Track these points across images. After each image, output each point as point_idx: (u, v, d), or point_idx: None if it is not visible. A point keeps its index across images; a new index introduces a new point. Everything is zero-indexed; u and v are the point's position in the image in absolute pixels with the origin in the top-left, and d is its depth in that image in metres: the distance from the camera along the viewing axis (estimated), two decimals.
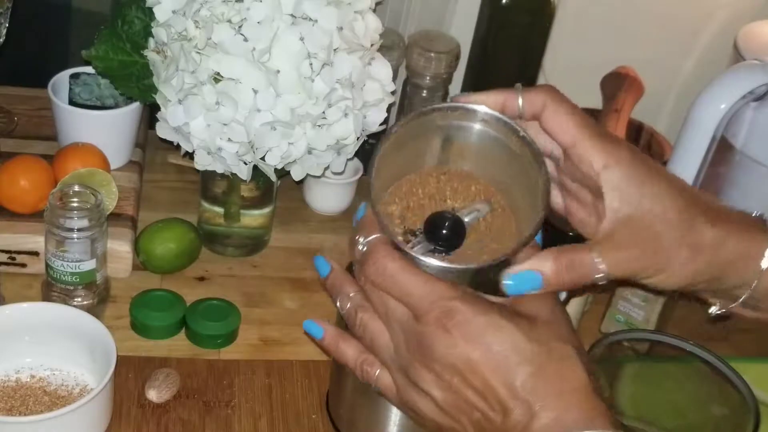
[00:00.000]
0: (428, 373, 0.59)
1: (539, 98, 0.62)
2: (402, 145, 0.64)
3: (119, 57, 0.92)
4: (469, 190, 0.66)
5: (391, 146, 0.63)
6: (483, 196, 0.65)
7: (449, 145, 0.65)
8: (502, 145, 0.63)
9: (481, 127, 0.64)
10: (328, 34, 0.83)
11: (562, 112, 0.61)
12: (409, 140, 0.64)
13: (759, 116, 0.99)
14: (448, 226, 0.62)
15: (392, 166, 0.64)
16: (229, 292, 0.96)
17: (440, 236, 0.62)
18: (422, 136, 0.65)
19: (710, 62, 1.25)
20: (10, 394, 0.80)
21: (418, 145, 0.66)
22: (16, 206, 0.94)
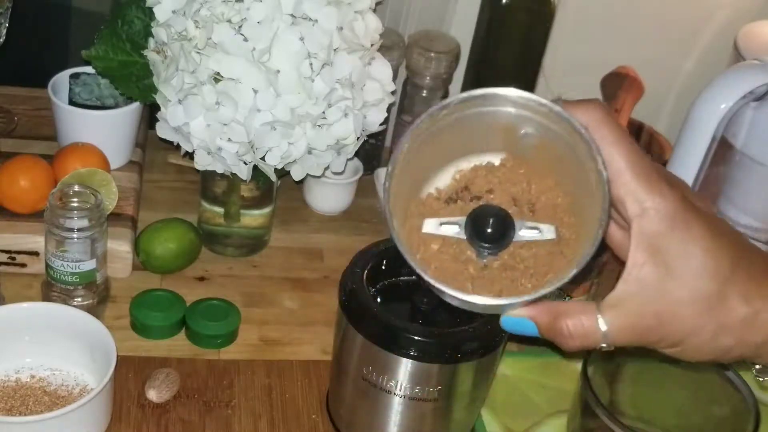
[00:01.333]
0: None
1: (583, 118, 0.53)
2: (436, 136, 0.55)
3: (119, 57, 0.92)
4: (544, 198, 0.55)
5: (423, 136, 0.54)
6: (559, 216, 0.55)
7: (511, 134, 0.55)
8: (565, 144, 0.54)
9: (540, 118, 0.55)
10: (328, 34, 0.83)
11: (607, 139, 0.52)
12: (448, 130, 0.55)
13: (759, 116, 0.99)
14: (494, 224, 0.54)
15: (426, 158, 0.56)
16: (229, 292, 0.96)
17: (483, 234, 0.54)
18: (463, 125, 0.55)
19: (710, 62, 1.25)
20: (10, 394, 0.80)
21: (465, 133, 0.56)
22: (16, 206, 0.94)
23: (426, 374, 0.75)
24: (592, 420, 0.76)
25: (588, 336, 0.53)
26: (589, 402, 0.76)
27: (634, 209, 0.52)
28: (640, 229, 0.52)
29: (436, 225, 0.55)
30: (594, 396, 0.75)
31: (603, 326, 0.53)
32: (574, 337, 0.53)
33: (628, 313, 0.53)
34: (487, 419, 0.85)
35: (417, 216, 0.56)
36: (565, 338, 0.54)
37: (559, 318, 0.53)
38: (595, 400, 0.75)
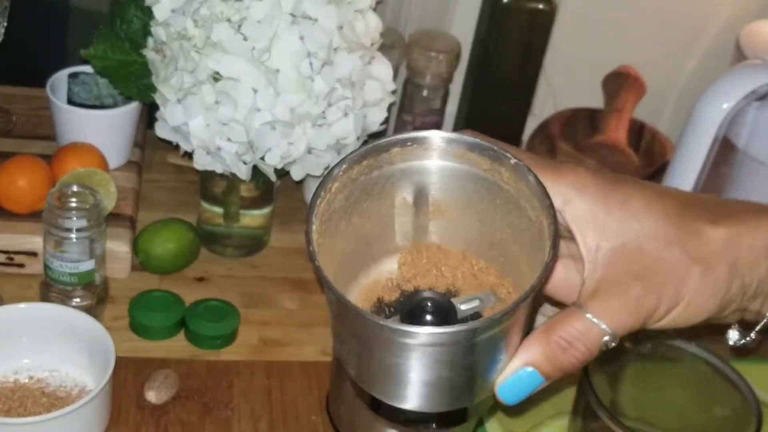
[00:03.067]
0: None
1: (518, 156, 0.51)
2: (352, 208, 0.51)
3: (118, 56, 0.91)
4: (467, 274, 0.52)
5: (331, 213, 0.51)
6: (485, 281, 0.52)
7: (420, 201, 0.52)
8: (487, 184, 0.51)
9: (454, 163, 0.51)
10: (328, 33, 0.83)
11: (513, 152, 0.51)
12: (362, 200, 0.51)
13: (761, 116, 0.98)
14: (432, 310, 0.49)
15: (342, 243, 0.51)
16: (228, 293, 0.96)
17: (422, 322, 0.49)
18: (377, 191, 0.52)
19: (712, 62, 1.25)
20: (8, 395, 0.79)
21: (375, 206, 0.52)
22: (14, 206, 0.93)
23: None
24: (594, 421, 0.75)
25: (588, 337, 0.49)
26: (590, 403, 0.76)
27: (558, 201, 0.50)
28: (574, 215, 0.50)
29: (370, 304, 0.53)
30: (595, 397, 0.75)
31: (595, 320, 0.48)
32: (574, 346, 0.49)
33: (611, 294, 0.49)
34: (487, 421, 0.85)
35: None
36: (567, 353, 0.49)
37: (550, 337, 0.49)
38: (597, 401, 0.75)
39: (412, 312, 0.50)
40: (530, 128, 1.20)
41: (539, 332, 0.49)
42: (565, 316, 0.49)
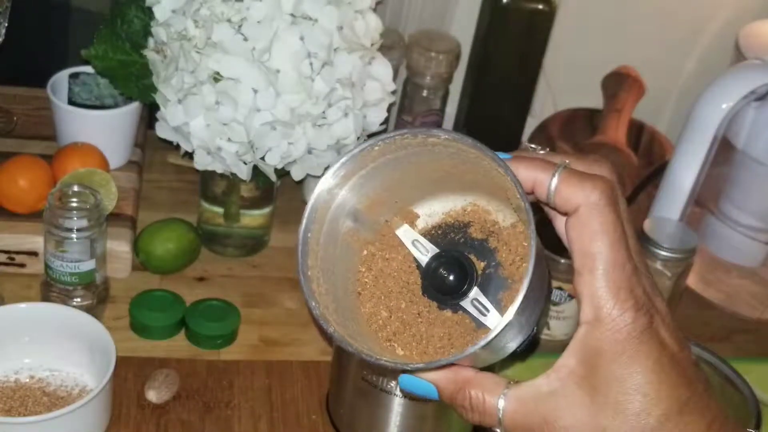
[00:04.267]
0: None
1: (574, 198, 0.47)
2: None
3: (118, 56, 0.91)
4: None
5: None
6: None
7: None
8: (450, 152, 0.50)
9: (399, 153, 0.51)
10: (329, 33, 0.83)
11: (592, 228, 0.47)
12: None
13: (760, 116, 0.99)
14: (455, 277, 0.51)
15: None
16: (228, 293, 0.96)
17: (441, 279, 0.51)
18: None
19: (711, 62, 1.25)
20: (9, 394, 0.80)
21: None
22: (15, 206, 0.93)
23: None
24: None
25: (485, 415, 0.50)
26: None
27: (587, 314, 0.47)
28: (584, 338, 0.47)
29: (409, 236, 0.53)
30: None
31: (500, 414, 0.49)
32: (472, 411, 0.50)
33: (530, 413, 0.49)
34: None
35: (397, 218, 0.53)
36: (465, 409, 0.50)
37: (465, 387, 0.50)
38: None
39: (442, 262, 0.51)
40: (530, 128, 1.21)
41: (462, 377, 0.50)
42: (488, 385, 0.50)
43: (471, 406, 0.50)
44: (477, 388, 0.50)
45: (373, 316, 0.53)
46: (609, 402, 0.47)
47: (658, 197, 1.02)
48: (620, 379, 0.47)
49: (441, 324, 0.52)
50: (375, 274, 0.54)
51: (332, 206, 0.52)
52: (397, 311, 0.53)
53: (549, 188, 0.47)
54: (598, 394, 0.47)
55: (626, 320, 0.46)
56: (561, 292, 0.89)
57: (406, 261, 0.53)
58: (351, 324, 0.52)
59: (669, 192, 1.00)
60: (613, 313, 0.46)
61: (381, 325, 0.53)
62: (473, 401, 0.50)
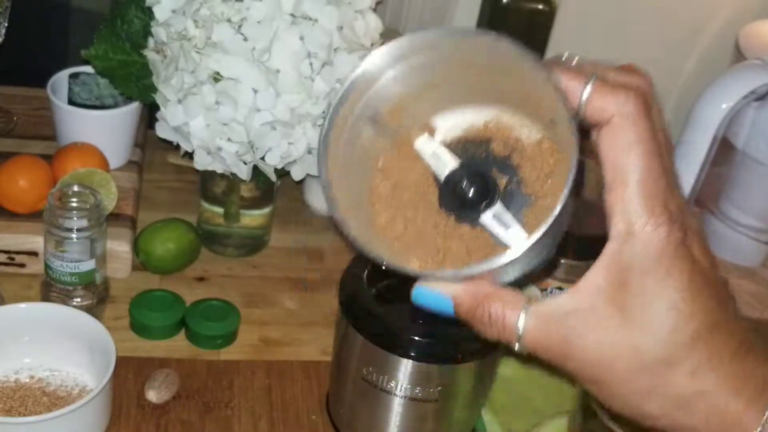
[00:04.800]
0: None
1: (608, 108, 0.45)
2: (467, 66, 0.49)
3: (118, 56, 0.91)
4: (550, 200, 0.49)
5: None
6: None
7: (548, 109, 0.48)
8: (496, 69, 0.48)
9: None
10: (328, 33, 0.83)
11: (627, 138, 0.45)
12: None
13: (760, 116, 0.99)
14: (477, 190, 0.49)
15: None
16: (228, 293, 0.96)
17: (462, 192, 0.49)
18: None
19: (711, 62, 1.25)
20: (9, 394, 0.80)
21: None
22: (15, 206, 0.93)
23: (426, 375, 0.74)
24: (593, 421, 0.75)
25: (504, 331, 0.48)
26: (590, 403, 0.76)
27: (619, 228, 0.45)
28: (615, 253, 0.46)
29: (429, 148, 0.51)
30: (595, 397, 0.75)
31: (520, 329, 0.48)
32: (491, 326, 0.48)
33: (552, 330, 0.47)
34: (487, 420, 0.85)
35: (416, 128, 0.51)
36: (483, 324, 0.49)
37: (485, 301, 0.48)
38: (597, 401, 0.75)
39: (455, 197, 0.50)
40: None
41: (482, 290, 0.49)
42: (510, 299, 0.48)
43: (490, 320, 0.48)
44: (497, 303, 0.48)
45: (388, 226, 0.51)
46: (641, 319, 0.46)
47: None
48: (653, 294, 0.45)
49: (458, 238, 0.50)
50: (391, 184, 0.52)
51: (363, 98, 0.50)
52: (413, 222, 0.51)
53: (581, 98, 0.46)
54: (628, 311, 0.46)
55: (660, 234, 0.45)
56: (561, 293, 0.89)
57: (425, 173, 0.51)
58: (366, 233, 0.50)
59: None
60: (647, 227, 0.45)
61: (396, 236, 0.51)
62: (493, 316, 0.48)
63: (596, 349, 0.47)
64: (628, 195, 0.45)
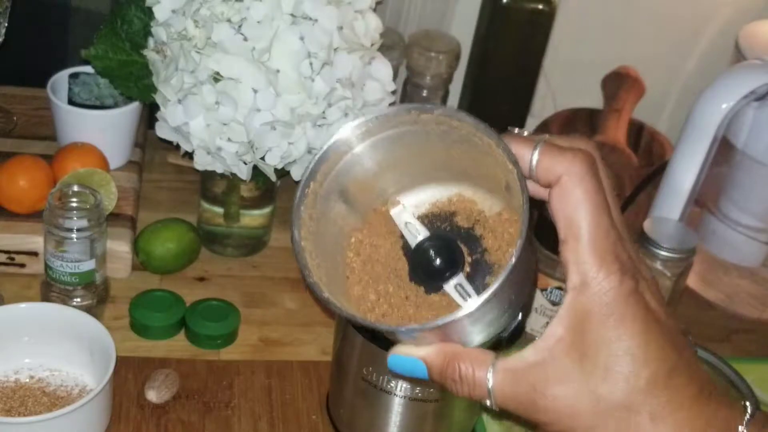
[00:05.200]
0: None
1: (556, 168, 0.48)
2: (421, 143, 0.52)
3: (118, 56, 0.91)
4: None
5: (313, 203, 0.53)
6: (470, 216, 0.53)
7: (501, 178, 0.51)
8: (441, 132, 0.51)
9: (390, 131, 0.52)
10: (329, 33, 0.83)
11: (577, 196, 0.47)
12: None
13: (760, 116, 0.99)
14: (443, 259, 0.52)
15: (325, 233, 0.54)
16: (228, 293, 0.96)
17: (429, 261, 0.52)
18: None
19: (711, 62, 1.25)
20: (9, 394, 0.80)
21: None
22: (15, 206, 0.93)
23: None
24: None
25: (474, 388, 0.50)
26: None
27: (574, 280, 0.47)
28: (571, 303, 0.47)
29: (402, 218, 0.54)
30: None
31: (489, 384, 0.49)
32: (462, 383, 0.50)
33: (519, 383, 0.49)
34: (487, 420, 0.85)
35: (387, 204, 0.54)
36: (454, 382, 0.50)
37: (454, 360, 0.50)
38: None
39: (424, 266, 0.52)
40: (530, 128, 1.20)
41: (450, 350, 0.51)
42: (477, 357, 0.50)
43: (461, 378, 0.50)
44: (466, 361, 0.50)
45: (361, 299, 0.54)
46: (598, 366, 0.47)
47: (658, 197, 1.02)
48: (608, 341, 0.47)
49: (428, 307, 0.52)
50: (363, 259, 0.54)
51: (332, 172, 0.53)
52: (385, 295, 0.53)
53: (531, 161, 0.48)
54: (586, 360, 0.47)
55: (612, 283, 0.47)
56: (560, 292, 0.90)
57: (394, 248, 0.54)
58: (341, 301, 0.52)
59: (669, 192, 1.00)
60: (599, 276, 0.47)
61: (369, 307, 0.53)
62: (462, 373, 0.50)
63: (560, 398, 0.48)
64: (581, 248, 0.47)
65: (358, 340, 0.75)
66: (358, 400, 0.80)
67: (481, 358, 0.50)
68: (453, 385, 0.51)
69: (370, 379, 0.76)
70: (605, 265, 0.47)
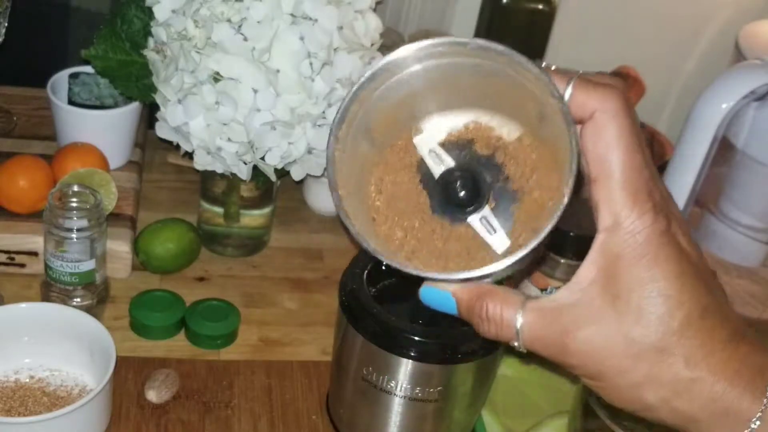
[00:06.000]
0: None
1: (590, 104, 0.47)
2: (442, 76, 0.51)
3: (118, 56, 0.91)
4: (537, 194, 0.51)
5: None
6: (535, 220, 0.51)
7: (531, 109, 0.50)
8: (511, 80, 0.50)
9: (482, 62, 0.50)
10: (328, 33, 0.83)
11: (610, 134, 0.47)
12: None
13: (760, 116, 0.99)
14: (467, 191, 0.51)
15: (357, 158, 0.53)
16: (228, 293, 0.96)
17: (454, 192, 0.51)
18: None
19: (711, 62, 1.25)
20: (9, 394, 0.80)
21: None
22: (15, 206, 0.93)
23: (426, 375, 0.74)
24: (593, 420, 0.75)
25: (502, 328, 0.49)
26: (590, 402, 0.76)
27: (606, 220, 0.46)
28: (603, 244, 0.47)
29: (427, 145, 0.53)
30: (595, 397, 0.75)
31: (518, 325, 0.49)
32: (489, 322, 0.50)
33: (548, 325, 0.48)
34: (487, 420, 0.85)
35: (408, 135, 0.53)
36: (481, 320, 0.50)
37: (481, 298, 0.50)
38: (596, 401, 0.75)
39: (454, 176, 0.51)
40: None
41: (479, 288, 0.50)
42: (506, 298, 0.50)
43: (488, 317, 0.49)
44: (495, 300, 0.49)
45: (389, 237, 0.53)
46: (631, 308, 0.47)
47: None
48: (642, 282, 0.46)
49: (456, 239, 0.52)
50: (386, 197, 0.54)
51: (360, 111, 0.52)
52: (412, 230, 0.53)
53: (565, 95, 0.47)
54: (620, 301, 0.47)
55: (646, 222, 0.46)
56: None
57: (413, 182, 0.53)
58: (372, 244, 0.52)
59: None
60: (632, 216, 0.46)
61: (398, 245, 0.53)
62: (490, 313, 0.49)
63: (592, 341, 0.47)
64: (613, 187, 0.46)
65: (359, 340, 0.75)
66: (358, 400, 0.80)
67: (511, 299, 0.49)
68: (480, 323, 0.50)
69: (370, 379, 0.76)
70: (638, 203, 0.46)
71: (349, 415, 0.82)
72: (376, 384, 0.76)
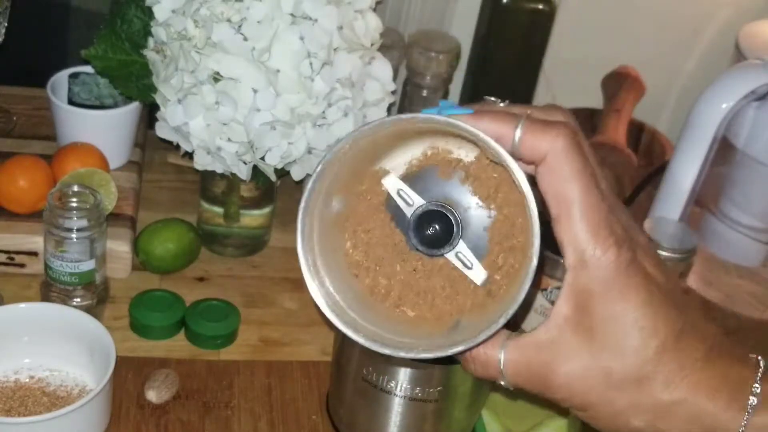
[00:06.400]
0: None
1: (541, 146, 0.47)
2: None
3: (118, 56, 0.91)
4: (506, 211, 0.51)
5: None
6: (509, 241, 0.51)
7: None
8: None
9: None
10: (328, 33, 0.83)
11: (564, 173, 0.47)
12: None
13: (760, 116, 0.99)
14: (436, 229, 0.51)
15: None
16: (228, 293, 0.96)
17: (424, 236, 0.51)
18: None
19: (711, 62, 1.25)
20: (8, 395, 0.80)
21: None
22: (14, 206, 0.93)
23: (426, 375, 0.74)
24: None
25: (487, 367, 0.50)
26: None
27: (571, 258, 0.47)
28: (573, 281, 0.47)
29: (395, 186, 0.53)
30: None
31: (501, 364, 0.49)
32: (474, 363, 0.50)
33: (531, 362, 0.49)
34: (487, 420, 0.85)
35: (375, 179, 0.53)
36: (466, 361, 0.51)
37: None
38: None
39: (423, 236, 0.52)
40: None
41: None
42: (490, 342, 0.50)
43: (472, 357, 0.50)
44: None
45: (373, 288, 0.53)
46: (607, 342, 0.48)
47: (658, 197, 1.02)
48: (615, 317, 0.47)
49: (438, 272, 0.52)
50: (363, 249, 0.54)
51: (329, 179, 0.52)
52: (394, 275, 0.53)
53: (513, 140, 0.47)
54: (595, 336, 0.48)
55: (610, 258, 0.47)
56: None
57: (385, 223, 0.53)
58: (357, 305, 0.52)
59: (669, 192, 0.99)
60: (596, 253, 0.47)
61: (384, 294, 0.53)
62: (473, 353, 0.50)
63: (573, 376, 0.48)
64: (574, 226, 0.47)
65: None
66: (358, 400, 0.80)
67: (492, 343, 0.50)
68: (466, 363, 0.51)
69: (370, 379, 0.76)
70: (600, 240, 0.47)
71: (349, 415, 0.82)
72: (376, 384, 0.76)
